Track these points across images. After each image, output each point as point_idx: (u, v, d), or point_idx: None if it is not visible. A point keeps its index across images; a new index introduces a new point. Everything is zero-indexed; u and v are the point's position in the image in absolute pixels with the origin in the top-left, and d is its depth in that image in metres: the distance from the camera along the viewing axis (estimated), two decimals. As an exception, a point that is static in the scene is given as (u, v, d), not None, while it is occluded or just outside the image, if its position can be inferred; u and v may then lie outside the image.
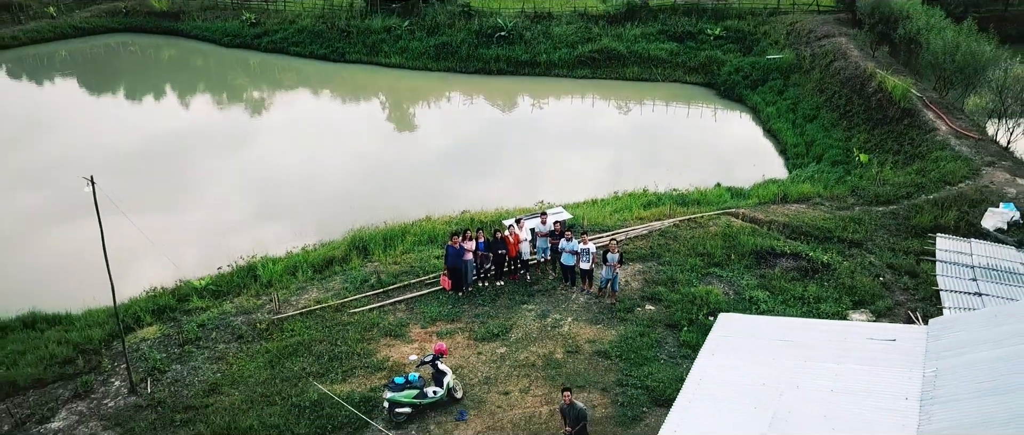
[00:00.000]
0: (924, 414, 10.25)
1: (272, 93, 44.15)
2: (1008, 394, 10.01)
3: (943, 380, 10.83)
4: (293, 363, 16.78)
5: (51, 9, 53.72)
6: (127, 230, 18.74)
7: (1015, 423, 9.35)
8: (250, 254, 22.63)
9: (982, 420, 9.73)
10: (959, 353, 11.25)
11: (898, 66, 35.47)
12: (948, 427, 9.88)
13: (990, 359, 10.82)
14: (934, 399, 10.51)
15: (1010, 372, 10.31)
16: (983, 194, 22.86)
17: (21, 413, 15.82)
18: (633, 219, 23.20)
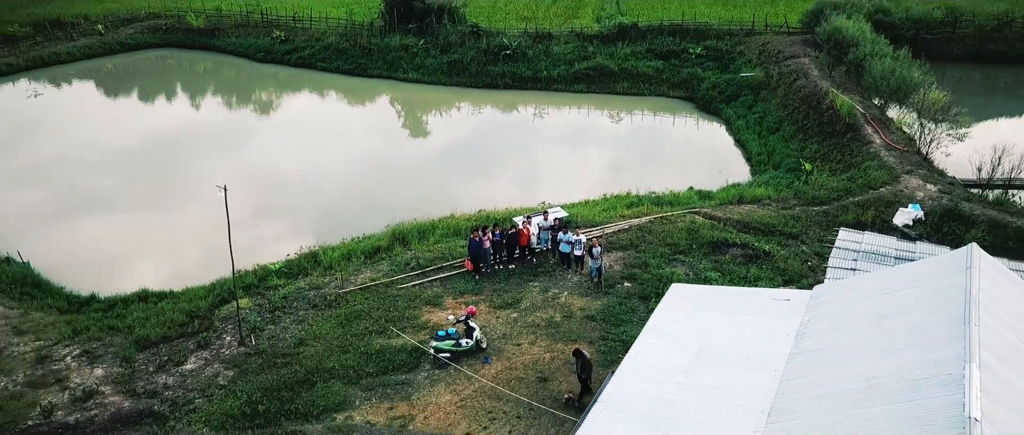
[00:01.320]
0: (796, 342, 15.69)
1: (302, 105, 49.46)
2: (851, 329, 15.44)
3: (812, 323, 16.27)
4: (358, 324, 22.22)
5: (100, 27, 59.02)
6: (208, 223, 24.10)
7: (854, 344, 14.78)
8: (308, 245, 28.09)
9: (831, 345, 15.18)
10: (825, 305, 16.71)
11: (851, 85, 40.89)
12: (810, 348, 15.33)
13: (843, 308, 16.29)
14: (804, 335, 15.94)
15: (852, 314, 15.78)
16: (898, 197, 28.32)
17: (161, 359, 21.28)
18: (617, 217, 28.62)
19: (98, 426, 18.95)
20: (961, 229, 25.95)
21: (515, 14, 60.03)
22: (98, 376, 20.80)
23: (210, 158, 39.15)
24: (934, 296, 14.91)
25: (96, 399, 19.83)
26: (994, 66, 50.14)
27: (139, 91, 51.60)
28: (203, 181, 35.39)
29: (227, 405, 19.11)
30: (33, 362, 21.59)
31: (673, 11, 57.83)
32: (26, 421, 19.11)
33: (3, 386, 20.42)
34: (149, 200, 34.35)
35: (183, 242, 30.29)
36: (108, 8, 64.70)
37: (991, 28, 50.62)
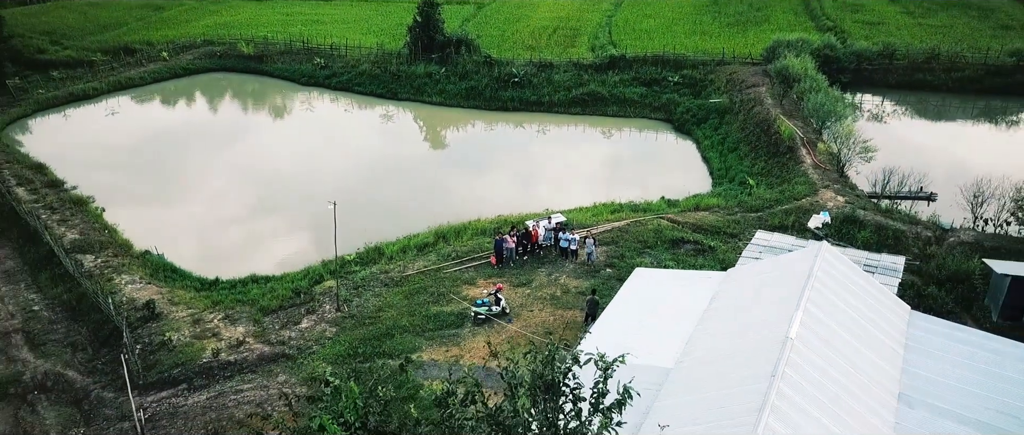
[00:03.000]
0: (710, 302, 24.55)
1: (347, 125, 58.21)
2: (742, 293, 24.30)
3: (722, 291, 25.13)
4: (418, 297, 31.07)
5: (164, 54, 67.73)
6: (291, 221, 32.86)
7: (742, 302, 23.64)
8: (369, 241, 36.85)
9: (730, 304, 24.05)
10: (732, 280, 25.59)
11: (796, 112, 49.68)
12: (718, 306, 24.20)
13: (741, 282, 25.18)
14: (716, 297, 24.80)
15: (744, 286, 24.68)
16: (813, 205, 37.15)
17: (283, 320, 30.14)
18: (603, 220, 37.46)
19: (250, 363, 27.84)
20: (855, 231, 34.75)
21: (521, 43, 68.73)
22: (241, 332, 29.67)
23: (274, 170, 47.90)
24: (790, 274, 23.82)
25: (245, 346, 28.71)
26: (924, 92, 58.87)
27: (206, 109, 60.42)
28: (277, 188, 44.37)
29: (335, 349, 27.99)
30: (191, 323, 30.46)
31: (657, 42, 66.55)
32: (202, 359, 28.00)
33: (178, 338, 29.30)
34: (242, 203, 43.19)
35: (274, 237, 39.17)
36: (167, 35, 73.44)
37: (922, 60, 59.32)
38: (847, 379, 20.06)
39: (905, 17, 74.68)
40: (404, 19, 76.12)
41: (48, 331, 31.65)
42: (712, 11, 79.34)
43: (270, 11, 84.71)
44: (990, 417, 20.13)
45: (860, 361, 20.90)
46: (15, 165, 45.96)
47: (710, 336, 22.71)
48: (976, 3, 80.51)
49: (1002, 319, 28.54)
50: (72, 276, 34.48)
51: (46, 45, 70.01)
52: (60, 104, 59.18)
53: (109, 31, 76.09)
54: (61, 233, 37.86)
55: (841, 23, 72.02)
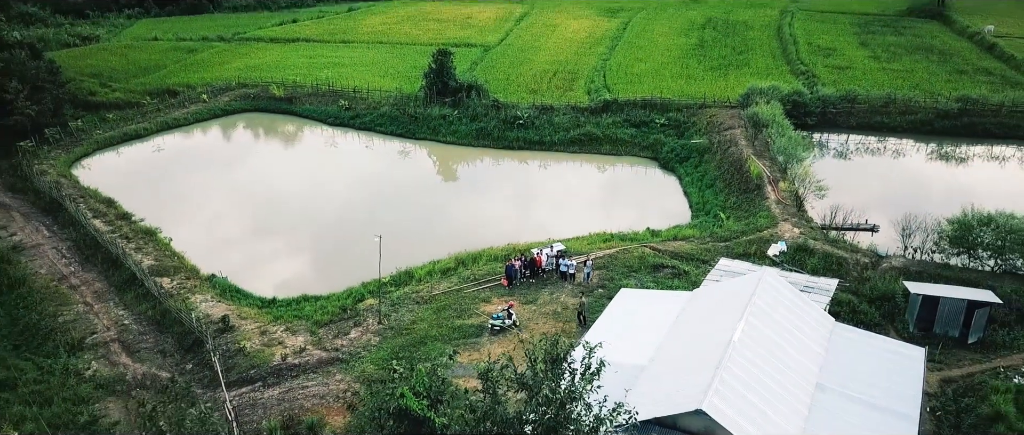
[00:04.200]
0: (677, 316, 31.08)
1: (370, 161, 64.88)
2: (703, 309, 30.85)
3: (688, 307, 31.67)
4: (444, 312, 37.58)
5: (204, 96, 74.63)
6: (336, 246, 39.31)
7: (703, 316, 30.20)
8: (396, 265, 43.33)
9: (693, 317, 30.59)
10: (696, 299, 32.15)
11: (766, 152, 56.36)
12: (684, 319, 30.73)
13: (703, 300, 31.73)
14: (682, 312, 31.32)
15: (704, 303, 31.24)
16: (773, 236, 43.73)
17: (335, 332, 36.64)
18: (596, 249, 44.04)
19: (311, 365, 34.31)
20: (806, 258, 41.29)
21: (524, 87, 75.58)
22: (301, 341, 36.16)
23: (311, 203, 54.51)
24: (739, 293, 30.40)
25: (306, 352, 35.18)
26: (882, 133, 65.62)
27: (245, 147, 67.23)
28: (314, 218, 50.99)
29: (380, 354, 34.48)
30: (259, 334, 36.95)
31: (646, 86, 73.45)
32: (272, 362, 34.48)
33: (251, 346, 35.78)
34: (285, 231, 49.75)
35: (317, 261, 45.74)
36: (204, 78, 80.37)
37: (880, 105, 66.14)
38: (776, 371, 26.66)
39: (872, 62, 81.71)
40: (418, 62, 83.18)
41: (139, 341, 38.16)
42: (698, 55, 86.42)
43: (294, 54, 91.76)
44: (884, 400, 26.73)
45: (787, 359, 27.50)
46: (89, 200, 52.52)
47: (676, 341, 29.31)
48: (938, 47, 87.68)
49: (916, 329, 35.08)
50: (154, 296, 40.99)
51: (96, 87, 76.86)
52: (115, 143, 65.90)
53: (150, 73, 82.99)
54: (139, 259, 44.39)
55: (813, 67, 79.04)
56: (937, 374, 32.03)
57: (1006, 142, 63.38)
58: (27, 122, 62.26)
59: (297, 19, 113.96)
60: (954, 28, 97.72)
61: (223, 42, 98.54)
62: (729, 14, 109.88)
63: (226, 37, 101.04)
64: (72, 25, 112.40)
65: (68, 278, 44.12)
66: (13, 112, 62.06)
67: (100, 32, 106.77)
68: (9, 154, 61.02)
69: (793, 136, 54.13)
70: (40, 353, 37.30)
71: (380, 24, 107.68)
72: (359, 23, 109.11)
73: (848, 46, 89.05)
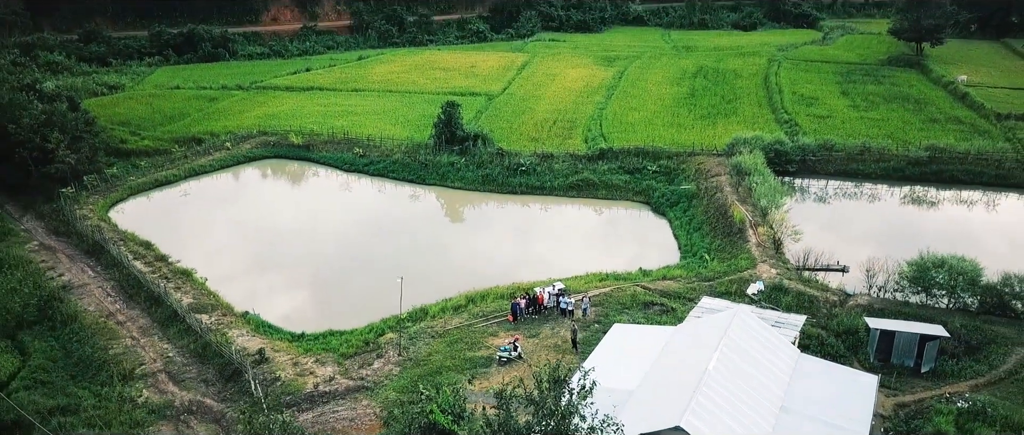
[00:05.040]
0: (663, 347, 35.38)
1: (384, 206, 69.50)
2: (685, 342, 35.17)
3: (672, 340, 35.99)
4: (457, 345, 41.83)
5: (227, 144, 79.57)
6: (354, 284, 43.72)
7: (684, 348, 34.52)
8: (412, 303, 47.64)
9: (677, 348, 34.91)
10: (679, 332, 36.48)
11: (749, 198, 60.94)
12: (669, 350, 35.05)
13: (685, 334, 36.06)
14: (668, 344, 35.63)
15: (687, 337, 35.58)
16: (752, 277, 48.12)
17: (360, 362, 40.86)
18: (592, 288, 48.40)
19: (340, 392, 38.51)
20: (781, 296, 45.61)
21: (526, 135, 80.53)
22: (330, 371, 40.37)
23: (330, 243, 59.00)
24: (715, 327, 34.73)
25: (334, 380, 39.38)
26: (858, 179, 70.30)
27: (267, 192, 71.95)
28: (334, 258, 55.39)
29: (401, 382, 38.69)
30: (292, 365, 41.18)
31: (640, 134, 78.41)
32: (305, 390, 38.66)
33: (285, 375, 39.99)
34: (308, 271, 54.14)
35: (340, 298, 50.05)
36: (226, 126, 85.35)
37: (856, 153, 71.00)
38: (746, 395, 30.96)
39: (851, 111, 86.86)
40: (426, 110, 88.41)
41: (184, 372, 42.37)
42: (689, 103, 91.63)
43: (310, 102, 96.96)
44: (839, 420, 30.99)
45: (756, 384, 31.80)
46: (129, 243, 56.97)
47: (661, 369, 33.61)
48: (914, 96, 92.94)
49: (876, 360, 39.36)
50: (195, 331, 45.26)
51: (127, 135, 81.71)
52: (147, 188, 70.53)
53: (176, 121, 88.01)
54: (179, 298, 48.73)
55: (796, 116, 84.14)
56: (892, 399, 36.22)
57: (972, 187, 68.02)
58: (67, 170, 66.95)
59: (310, 67, 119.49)
60: (930, 77, 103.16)
61: (242, 90, 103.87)
62: (720, 63, 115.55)
63: (244, 85, 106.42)
64: (96, 73, 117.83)
65: (115, 315, 48.41)
66: (54, 160, 66.78)
67: (124, 80, 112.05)
68: (50, 199, 65.59)
69: (773, 184, 58.83)
70: (95, 382, 41.47)
71: (389, 73, 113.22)
72: (369, 72, 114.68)
73: (830, 95, 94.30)
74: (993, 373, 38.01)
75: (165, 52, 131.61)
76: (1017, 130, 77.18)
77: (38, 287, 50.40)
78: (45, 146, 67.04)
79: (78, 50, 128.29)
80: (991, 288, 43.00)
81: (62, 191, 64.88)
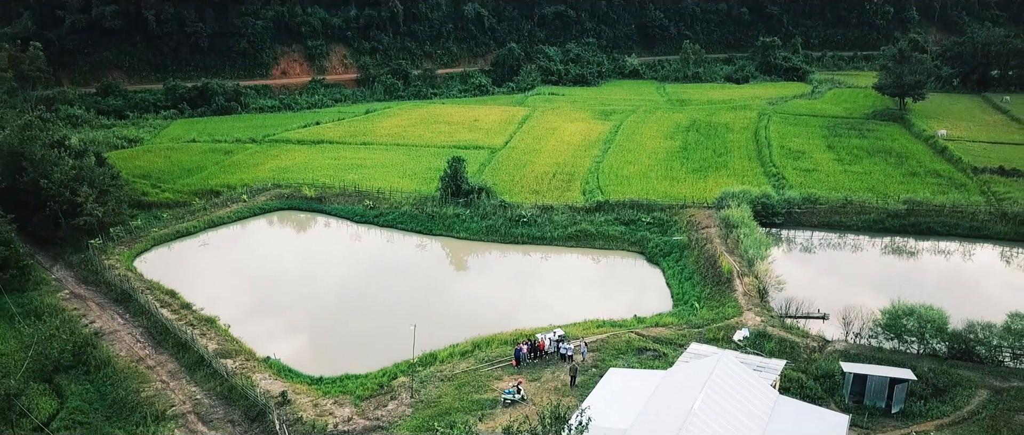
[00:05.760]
0: (655, 389, 38.71)
1: (392, 255, 73.17)
2: (674, 385, 38.52)
3: (663, 383, 39.35)
4: (464, 388, 45.11)
5: (244, 196, 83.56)
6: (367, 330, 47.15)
7: (673, 390, 37.90)
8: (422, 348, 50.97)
9: (667, 391, 38.27)
10: (669, 376, 39.85)
11: (736, 250, 64.60)
12: (660, 392, 38.40)
13: (675, 377, 39.43)
14: (659, 387, 38.98)
15: (676, 380, 38.96)
16: (739, 324, 51.57)
17: (374, 405, 44.11)
18: (590, 334, 51.80)
19: (358, 432, 41.69)
20: (765, 342, 49.02)
21: (527, 187, 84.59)
22: (347, 412, 43.61)
23: (343, 291, 62.51)
24: (701, 371, 38.14)
25: (352, 421, 42.60)
26: (841, 230, 74.11)
27: (283, 242, 75.69)
28: (347, 305, 58.82)
29: (414, 422, 41.92)
30: (312, 406, 44.41)
31: (635, 187, 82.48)
32: (327, 430, 41.86)
33: (307, 416, 43.21)
34: (325, 318, 57.55)
35: (354, 344, 53.39)
36: (242, 178, 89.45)
37: (838, 206, 74.94)
38: (726, 433, 34.27)
39: (835, 164, 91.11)
40: (432, 163, 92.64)
41: (211, 413, 45.57)
42: (681, 157, 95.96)
43: (320, 155, 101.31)
44: (811, 455, 34.19)
45: (737, 423, 35.15)
46: (155, 291, 60.51)
47: (651, 410, 36.94)
48: (896, 150, 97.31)
49: (850, 402, 42.64)
50: (221, 374, 48.56)
51: (148, 188, 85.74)
52: (169, 239, 74.28)
53: (194, 174, 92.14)
54: (204, 343, 52.10)
55: (783, 170, 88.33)
56: (864, 438, 39.50)
57: (949, 238, 71.79)
58: (95, 222, 70.74)
59: (319, 121, 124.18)
60: (912, 131, 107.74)
61: (255, 143, 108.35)
62: (712, 116, 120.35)
63: (257, 139, 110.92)
64: (115, 126, 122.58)
65: (144, 359, 51.73)
66: (83, 213, 70.60)
67: (142, 133, 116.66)
68: (79, 250, 69.28)
69: (758, 237, 62.62)
70: (129, 423, 44.71)
71: (396, 126, 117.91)
72: (376, 125, 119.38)
73: (816, 149, 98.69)
74: (957, 414, 41.29)
75: (180, 105, 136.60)
76: (992, 183, 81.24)
77: (72, 333, 53.73)
78: (75, 200, 70.88)
79: (96, 103, 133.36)
80: (958, 335, 46.44)
81: (91, 242, 68.54)
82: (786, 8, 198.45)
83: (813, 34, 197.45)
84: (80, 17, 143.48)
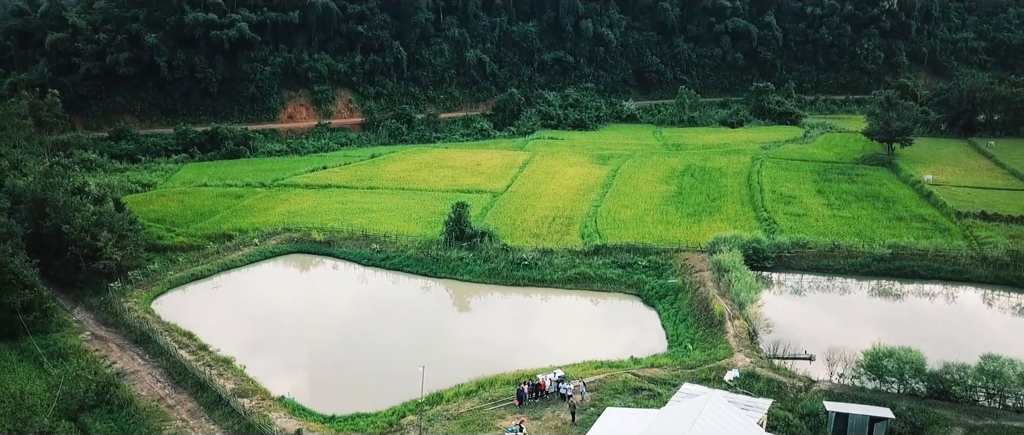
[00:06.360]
0: (649, 426, 41.40)
1: (398, 298, 76.03)
2: (666, 423, 41.21)
3: (657, 421, 42.02)
4: (469, 426, 47.70)
5: (255, 240, 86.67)
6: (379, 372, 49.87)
7: (665, 428, 40.60)
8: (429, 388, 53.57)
9: (661, 430, 40.97)
10: (662, 414, 42.54)
11: (727, 293, 67.46)
12: (654, 430, 41.10)
13: (667, 415, 42.13)
14: (653, 424, 41.65)
15: (667, 418, 41.66)
16: (729, 365, 54.25)
17: (386, 441, 46.72)
18: (588, 374, 54.46)
19: (370, 467, 44.18)
20: (753, 382, 51.72)
21: (528, 231, 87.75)
22: (360, 448, 46.14)
23: (350, 331, 65.23)
24: (691, 410, 40.84)
25: (364, 457, 45.14)
26: (829, 273, 77.10)
27: (293, 284, 78.56)
28: (353, 346, 61.52)
29: (422, 459, 44.48)
30: (326, 443, 46.98)
31: (631, 231, 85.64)
32: (340, 465, 44.38)
33: (322, 452, 45.76)
34: (336, 358, 60.20)
35: (362, 382, 56.00)
36: (253, 222, 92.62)
37: (827, 250, 78.08)
38: (714, 468, 36.86)
39: (825, 209, 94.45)
40: (436, 207, 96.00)
41: (230, 449, 48.11)
42: (676, 201, 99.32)
43: (328, 199, 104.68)
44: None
45: (724, 459, 37.72)
46: (173, 333, 63.25)
47: (645, 446, 39.55)
48: (883, 195, 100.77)
49: (833, 439, 45.28)
50: (238, 413, 51.13)
51: (163, 232, 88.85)
52: (184, 282, 77.18)
53: (206, 218, 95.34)
54: (221, 383, 54.73)
55: (774, 214, 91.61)
56: (845, 473, 42.01)
57: (932, 281, 74.75)
58: (114, 265, 73.75)
59: (326, 165, 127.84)
60: (899, 176, 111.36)
61: (264, 188, 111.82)
62: (706, 161, 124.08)
63: (266, 183, 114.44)
64: (128, 170, 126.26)
65: (165, 399, 54.32)
66: (102, 257, 73.63)
67: (155, 178, 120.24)
68: (98, 293, 72.14)
69: (748, 281, 65.58)
70: (153, 459, 47.21)
71: (400, 171, 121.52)
72: (382, 170, 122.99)
73: (807, 193, 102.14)
74: (933, 450, 43.89)
75: (190, 149, 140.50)
76: (974, 228, 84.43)
77: (96, 373, 56.34)
78: (95, 244, 73.96)
79: (109, 147, 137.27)
80: (935, 375, 49.19)
81: (111, 285, 71.43)
82: (779, 53, 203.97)
83: (806, 78, 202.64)
84: (95, 64, 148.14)
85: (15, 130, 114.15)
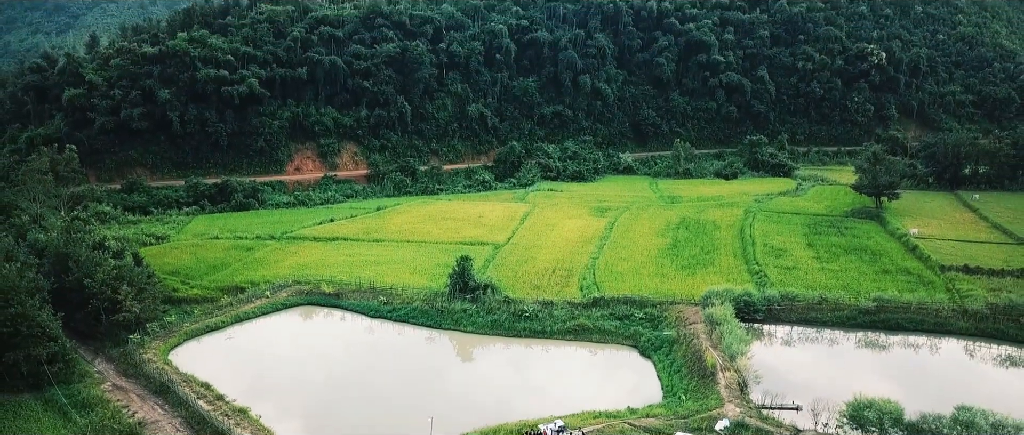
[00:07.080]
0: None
1: (404, 349, 79.10)
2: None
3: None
4: (475, 474, 50.66)
5: (267, 293, 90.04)
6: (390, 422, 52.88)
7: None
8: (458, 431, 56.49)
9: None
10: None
11: (719, 345, 70.65)
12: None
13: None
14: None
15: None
16: (720, 415, 57.24)
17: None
18: (587, 425, 57.40)
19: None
20: (743, 431, 54.65)
21: (529, 283, 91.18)
22: (372, 495, 48.93)
23: (362, 382, 68.21)
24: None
25: (376, 503, 47.93)
26: (817, 325, 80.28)
27: (304, 336, 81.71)
28: (365, 396, 64.51)
29: (431, 504, 47.30)
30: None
31: (628, 283, 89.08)
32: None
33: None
34: (347, 407, 63.10)
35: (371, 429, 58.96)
36: (264, 275, 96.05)
37: (814, 303, 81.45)
38: (703, 512, 39.84)
39: (814, 262, 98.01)
40: (441, 259, 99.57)
41: (249, 496, 50.88)
42: (672, 254, 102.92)
43: (335, 252, 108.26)
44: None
45: (712, 504, 40.67)
46: (191, 384, 66.29)
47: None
48: (871, 248, 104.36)
49: (816, 486, 48.13)
50: (256, 461, 54.05)
51: (178, 284, 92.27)
52: (200, 334, 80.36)
53: (219, 271, 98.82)
54: (239, 433, 57.62)
55: (765, 267, 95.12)
56: (827, 518, 44.85)
57: (916, 333, 77.96)
58: (133, 318, 77.03)
59: (333, 218, 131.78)
60: (887, 229, 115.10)
61: (274, 240, 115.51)
62: (701, 214, 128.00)
63: (276, 235, 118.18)
64: (141, 222, 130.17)
65: (185, 447, 57.23)
66: (122, 310, 76.95)
67: (167, 230, 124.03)
68: (117, 344, 75.26)
69: (739, 334, 68.85)
70: (176, 505, 49.94)
71: (405, 223, 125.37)
72: (387, 222, 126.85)
73: (797, 246, 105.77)
74: (910, 496, 46.75)
75: (201, 202, 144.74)
76: (957, 281, 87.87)
77: (119, 423, 59.31)
78: (115, 297, 77.34)
79: (122, 200, 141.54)
80: (913, 425, 52.23)
81: (131, 337, 74.60)
82: (772, 106, 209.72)
83: (799, 130, 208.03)
84: (109, 119, 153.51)
85: (35, 185, 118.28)
